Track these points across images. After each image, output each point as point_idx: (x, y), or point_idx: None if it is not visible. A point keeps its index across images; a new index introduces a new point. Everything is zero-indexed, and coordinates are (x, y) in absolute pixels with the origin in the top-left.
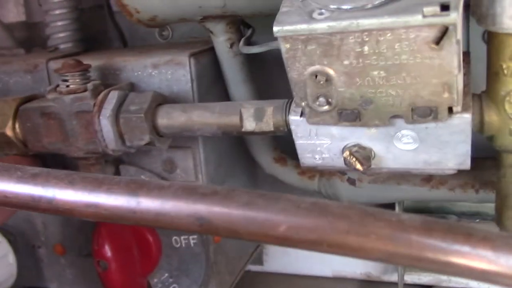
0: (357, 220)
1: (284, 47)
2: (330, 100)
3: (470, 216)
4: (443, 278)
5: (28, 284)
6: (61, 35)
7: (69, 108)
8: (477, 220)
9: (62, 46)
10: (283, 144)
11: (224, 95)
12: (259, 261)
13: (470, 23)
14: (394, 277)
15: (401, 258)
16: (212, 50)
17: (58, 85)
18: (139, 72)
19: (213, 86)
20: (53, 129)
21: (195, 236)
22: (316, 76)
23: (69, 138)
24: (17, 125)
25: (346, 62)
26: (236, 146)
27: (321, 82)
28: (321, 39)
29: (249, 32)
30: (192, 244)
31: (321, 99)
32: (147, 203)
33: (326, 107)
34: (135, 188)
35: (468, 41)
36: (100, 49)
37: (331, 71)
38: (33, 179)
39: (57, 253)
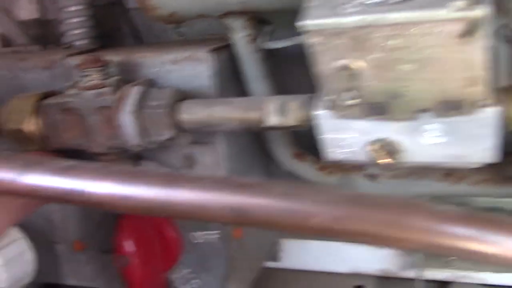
0: (397, 211)
1: (312, 41)
2: (357, 94)
3: (489, 211)
4: (461, 274)
5: (46, 281)
6: (77, 32)
7: (90, 104)
8: None
9: (77, 43)
10: (302, 139)
11: (242, 92)
12: (276, 258)
13: None
14: (411, 273)
15: (442, 248)
16: (231, 46)
17: (77, 81)
18: (158, 68)
19: (231, 82)
20: (73, 125)
21: (216, 232)
22: (344, 70)
23: (90, 134)
24: (36, 121)
25: (374, 56)
26: (253, 142)
27: (349, 76)
28: (349, 33)
29: (270, 27)
30: (213, 240)
31: (349, 93)
32: (184, 195)
33: (353, 101)
34: (171, 180)
35: None
36: (114, 46)
37: (359, 65)
38: (66, 171)
39: (76, 249)
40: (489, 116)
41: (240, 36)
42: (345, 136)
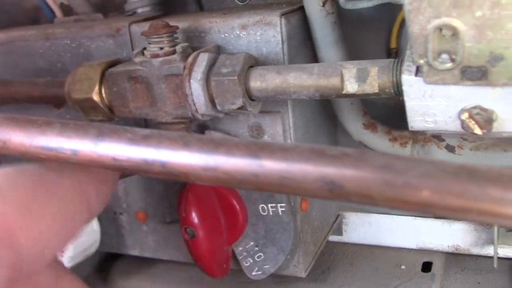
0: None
1: None
2: (454, 56)
3: None
4: None
5: (109, 251)
6: None
7: (158, 72)
8: None
9: (140, 10)
10: (372, 109)
11: (312, 59)
12: (339, 232)
13: None
14: (484, 251)
15: None
16: (301, 10)
17: (145, 48)
18: (226, 34)
19: (302, 48)
20: (140, 94)
21: (283, 204)
22: (441, 30)
23: (157, 103)
24: (103, 90)
25: (478, 14)
26: (320, 111)
27: (446, 37)
28: None
29: None
30: (280, 212)
31: (444, 56)
32: (271, 166)
33: (449, 65)
34: (256, 150)
35: None
36: (177, 13)
37: (459, 24)
38: (144, 140)
39: (139, 220)
40: None
41: None
42: (434, 104)
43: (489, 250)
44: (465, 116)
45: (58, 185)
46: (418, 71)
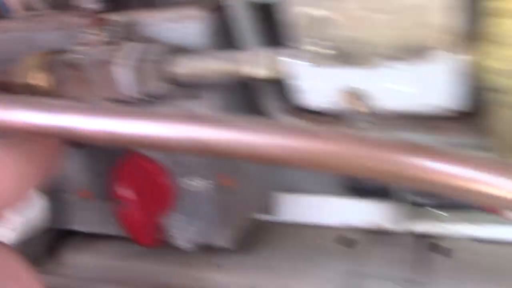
0: (344, 143)
1: None
2: (329, 42)
3: None
4: (452, 228)
5: (57, 227)
6: None
7: (91, 59)
8: None
9: (88, 6)
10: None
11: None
12: (270, 211)
13: None
14: (402, 227)
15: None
16: (226, 5)
17: (83, 39)
18: (156, 27)
19: (226, 40)
20: (76, 79)
21: (209, 180)
22: (315, 19)
23: (91, 88)
24: (44, 76)
25: (347, 6)
26: (246, 97)
27: (320, 25)
28: None
29: None
30: (205, 187)
31: (321, 42)
32: (155, 129)
33: (326, 50)
34: (146, 115)
35: None
36: (122, 9)
37: (332, 14)
38: (55, 108)
39: (84, 197)
40: (456, 62)
41: None
42: (321, 85)
43: (406, 227)
44: (345, 95)
45: (17, 152)
46: (299, 56)
